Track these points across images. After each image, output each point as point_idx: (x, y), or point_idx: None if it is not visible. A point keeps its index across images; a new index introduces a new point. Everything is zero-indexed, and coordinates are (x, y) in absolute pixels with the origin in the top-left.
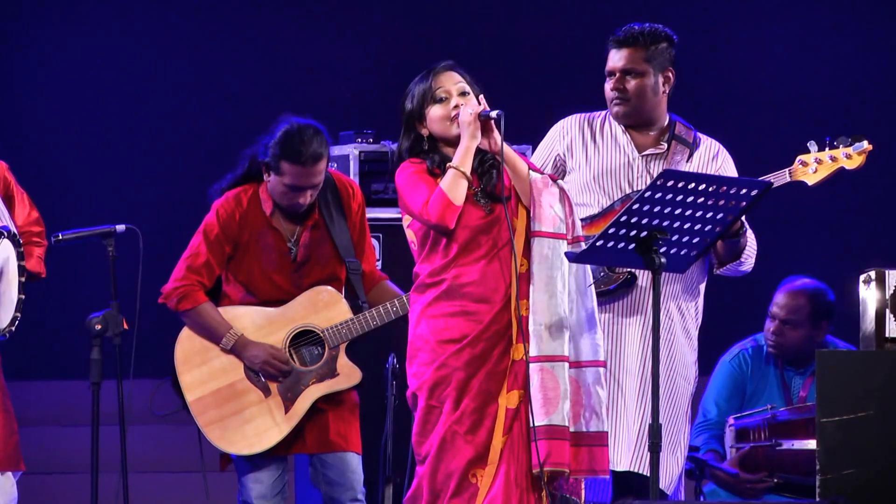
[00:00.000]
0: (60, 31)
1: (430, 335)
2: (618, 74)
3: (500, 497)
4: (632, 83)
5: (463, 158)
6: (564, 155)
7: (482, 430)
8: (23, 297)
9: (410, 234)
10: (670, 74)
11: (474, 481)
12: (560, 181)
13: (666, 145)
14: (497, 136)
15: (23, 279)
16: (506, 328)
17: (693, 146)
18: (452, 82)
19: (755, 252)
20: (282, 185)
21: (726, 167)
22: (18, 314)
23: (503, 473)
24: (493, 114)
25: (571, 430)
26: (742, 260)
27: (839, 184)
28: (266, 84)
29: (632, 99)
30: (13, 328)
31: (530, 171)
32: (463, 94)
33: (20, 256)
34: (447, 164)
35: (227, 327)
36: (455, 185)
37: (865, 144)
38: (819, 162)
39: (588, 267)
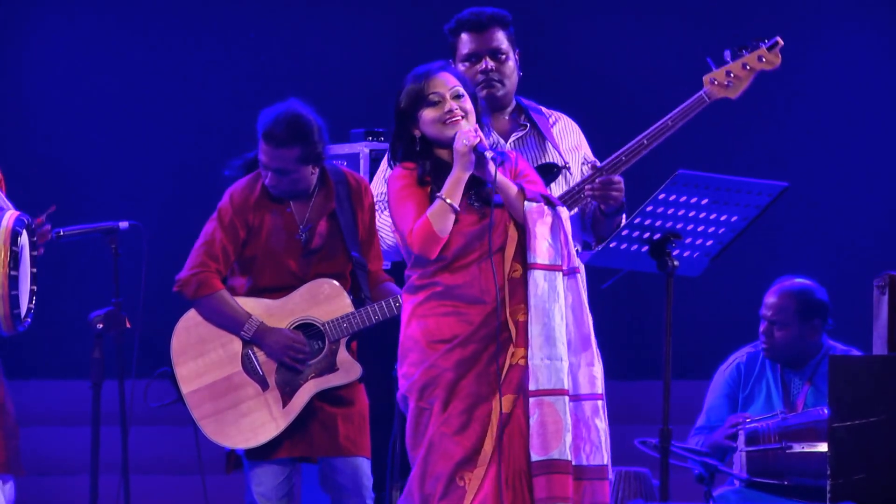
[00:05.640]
0: (65, 25)
1: (420, 336)
2: (486, 56)
3: (491, 499)
4: (501, 65)
5: (452, 189)
6: None
7: (470, 433)
8: (34, 288)
9: (398, 237)
10: (518, 55)
11: (462, 484)
12: (559, 207)
13: (528, 124)
14: (491, 167)
15: (34, 270)
16: (497, 331)
17: (548, 120)
18: (446, 85)
19: None
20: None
21: (582, 140)
22: (32, 305)
23: (493, 475)
24: (489, 154)
25: (573, 463)
26: None
27: (844, 185)
28: (275, 81)
29: (504, 81)
30: (29, 319)
31: (526, 201)
32: (457, 96)
33: (33, 247)
34: (437, 195)
35: (247, 314)
36: (442, 217)
37: (778, 39)
38: (733, 75)
39: (585, 299)
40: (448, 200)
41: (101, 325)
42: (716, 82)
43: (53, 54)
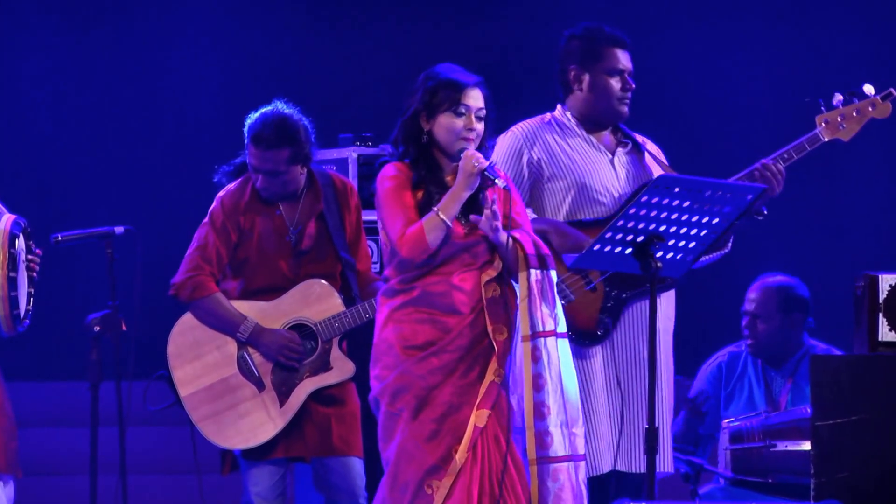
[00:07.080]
0: (59, 30)
1: (395, 340)
2: (627, 75)
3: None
4: (632, 84)
5: (448, 206)
6: (539, 161)
7: (441, 442)
8: (31, 290)
9: (385, 236)
10: None
11: (430, 492)
12: (552, 271)
13: (629, 141)
14: (495, 189)
15: (33, 273)
16: (473, 343)
17: (637, 140)
18: (477, 103)
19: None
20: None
21: (664, 159)
22: (30, 307)
23: (463, 485)
24: (500, 182)
25: None
26: (729, 247)
27: (826, 185)
28: (265, 87)
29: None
30: (28, 320)
31: (532, 269)
32: (480, 118)
33: (29, 249)
34: (434, 208)
35: (242, 316)
36: (435, 230)
37: (892, 90)
38: (846, 118)
39: (571, 361)
40: (442, 216)
41: (97, 328)
42: (828, 123)
43: (47, 60)
